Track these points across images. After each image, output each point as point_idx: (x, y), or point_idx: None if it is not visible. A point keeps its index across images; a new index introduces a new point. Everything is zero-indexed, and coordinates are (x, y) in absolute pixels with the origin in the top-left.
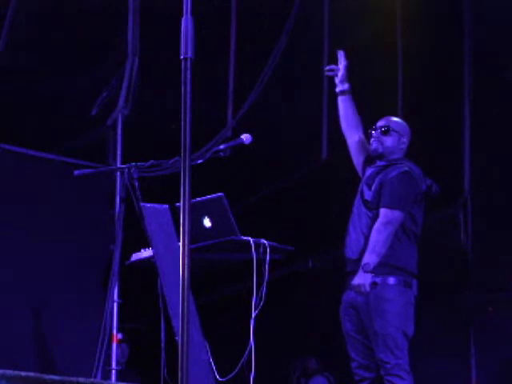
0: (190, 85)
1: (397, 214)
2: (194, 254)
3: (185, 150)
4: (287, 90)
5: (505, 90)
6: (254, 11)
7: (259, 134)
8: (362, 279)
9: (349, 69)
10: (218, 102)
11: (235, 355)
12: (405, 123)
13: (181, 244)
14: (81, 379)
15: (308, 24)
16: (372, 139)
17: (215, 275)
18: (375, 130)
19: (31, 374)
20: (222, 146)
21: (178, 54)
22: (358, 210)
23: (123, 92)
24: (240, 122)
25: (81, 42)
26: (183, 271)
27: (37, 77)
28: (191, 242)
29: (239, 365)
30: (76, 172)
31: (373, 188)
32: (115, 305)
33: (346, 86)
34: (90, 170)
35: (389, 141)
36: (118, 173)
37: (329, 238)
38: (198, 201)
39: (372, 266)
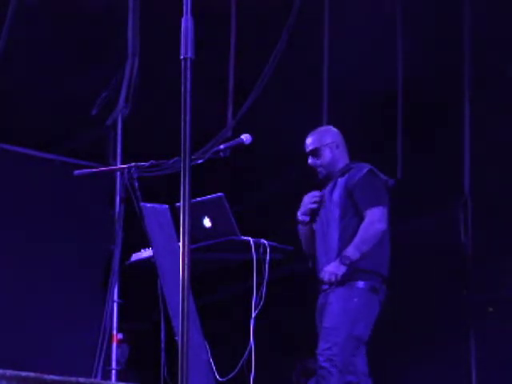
0: (190, 84)
1: (381, 210)
2: (194, 254)
3: (185, 150)
4: (287, 89)
5: (505, 89)
6: (254, 11)
7: (259, 133)
8: (335, 268)
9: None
10: (218, 102)
11: (235, 355)
12: (325, 127)
13: (181, 244)
14: (81, 379)
15: (308, 24)
16: (313, 167)
17: (215, 275)
18: (308, 157)
19: (31, 374)
20: (221, 146)
21: (178, 54)
22: (325, 232)
23: (123, 92)
24: (240, 121)
25: (81, 42)
26: (183, 271)
27: (37, 77)
28: (191, 242)
29: (239, 365)
30: (76, 172)
31: (337, 200)
32: (115, 305)
33: (308, 218)
34: (90, 170)
35: (325, 158)
36: (118, 173)
37: None
38: (198, 201)
39: (350, 261)
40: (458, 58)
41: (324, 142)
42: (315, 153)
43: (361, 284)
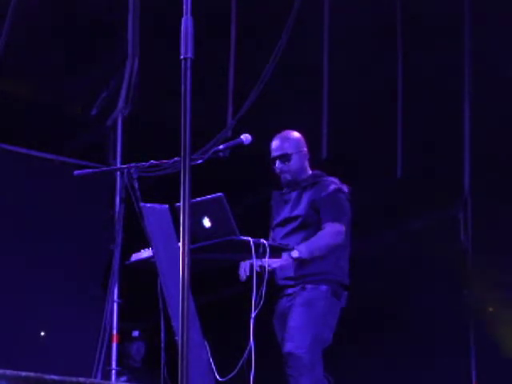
0: (190, 85)
1: (341, 226)
2: (193, 254)
3: (185, 150)
4: (287, 89)
5: (505, 89)
6: (254, 11)
7: (259, 133)
8: (284, 263)
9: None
10: (217, 102)
11: (235, 355)
12: (294, 133)
13: (181, 244)
14: (81, 379)
15: (308, 23)
16: (277, 172)
17: (215, 275)
18: (273, 162)
19: (31, 374)
20: (221, 146)
21: (178, 54)
22: (284, 235)
23: (123, 92)
24: (240, 121)
25: (81, 42)
26: (183, 271)
27: (37, 77)
28: (191, 242)
29: (239, 365)
30: (76, 172)
31: (301, 213)
32: (115, 305)
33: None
34: (90, 170)
35: (292, 165)
36: (118, 173)
37: None
38: (198, 201)
39: (298, 257)
40: (458, 58)
41: (293, 149)
42: (284, 159)
43: (323, 287)
